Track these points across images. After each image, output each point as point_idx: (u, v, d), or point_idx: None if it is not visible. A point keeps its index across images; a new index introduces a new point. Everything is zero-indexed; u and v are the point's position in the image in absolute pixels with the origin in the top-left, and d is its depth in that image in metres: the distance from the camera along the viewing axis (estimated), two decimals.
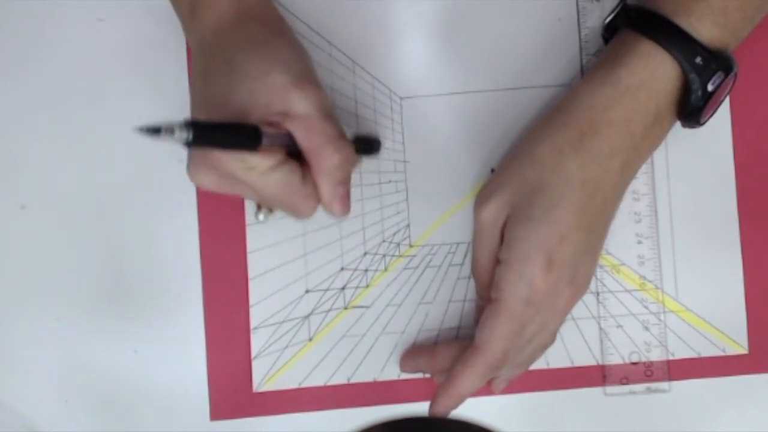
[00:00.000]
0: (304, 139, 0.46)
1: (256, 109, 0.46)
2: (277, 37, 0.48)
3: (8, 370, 0.55)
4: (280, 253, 0.55)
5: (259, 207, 0.53)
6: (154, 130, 0.40)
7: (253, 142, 0.44)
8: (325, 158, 0.46)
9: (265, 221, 0.54)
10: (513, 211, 0.49)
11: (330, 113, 0.47)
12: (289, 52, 0.48)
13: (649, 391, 0.55)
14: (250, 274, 0.55)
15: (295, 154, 0.47)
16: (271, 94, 0.46)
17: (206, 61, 0.48)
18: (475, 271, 0.53)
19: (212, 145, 0.43)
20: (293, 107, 0.46)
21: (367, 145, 0.53)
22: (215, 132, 0.43)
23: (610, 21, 0.52)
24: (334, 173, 0.47)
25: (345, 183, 0.48)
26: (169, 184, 0.55)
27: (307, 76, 0.47)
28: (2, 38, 0.55)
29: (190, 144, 0.41)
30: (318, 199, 0.48)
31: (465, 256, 0.55)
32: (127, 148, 0.55)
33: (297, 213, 0.48)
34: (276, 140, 0.45)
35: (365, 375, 0.55)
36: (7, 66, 0.55)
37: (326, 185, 0.47)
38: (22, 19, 0.55)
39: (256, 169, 0.45)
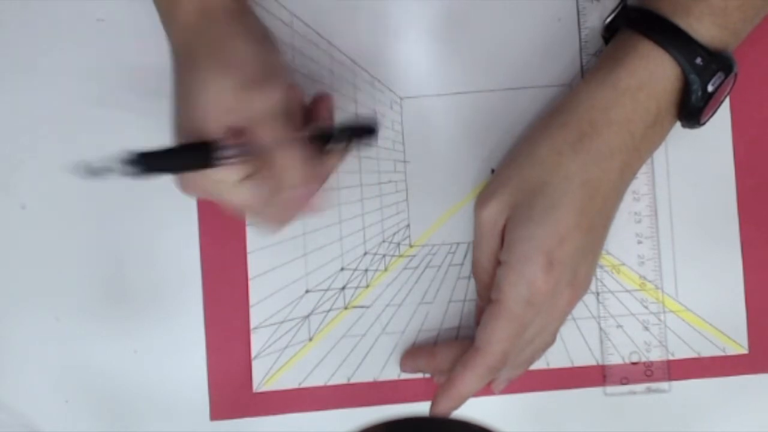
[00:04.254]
0: (258, 144, 0.45)
1: (219, 119, 0.45)
2: (233, 37, 0.47)
3: (8, 370, 0.55)
4: (280, 253, 0.55)
5: None
6: (93, 171, 0.40)
7: (206, 160, 0.43)
8: (279, 162, 0.45)
9: None
10: (513, 212, 0.49)
11: (286, 112, 0.45)
12: (245, 52, 0.46)
13: (649, 391, 0.55)
14: (250, 274, 0.55)
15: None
16: (228, 100, 0.45)
17: (175, 73, 0.48)
18: (475, 272, 0.53)
19: (164, 171, 0.43)
20: (248, 111, 0.44)
21: (358, 133, 0.50)
22: (162, 158, 0.43)
23: (611, 21, 0.52)
24: (289, 176, 0.45)
25: (309, 183, 0.46)
26: (169, 183, 0.55)
27: (262, 75, 0.45)
28: (2, 38, 0.55)
29: (139, 174, 0.41)
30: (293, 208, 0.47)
31: (465, 256, 0.55)
32: (127, 148, 0.55)
33: (274, 223, 0.48)
34: (240, 150, 0.44)
35: (365, 375, 0.55)
36: (7, 66, 0.55)
37: (287, 188, 0.45)
38: (22, 19, 0.55)
39: (223, 182, 0.45)
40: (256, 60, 0.46)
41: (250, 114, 0.44)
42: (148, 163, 0.41)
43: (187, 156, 0.44)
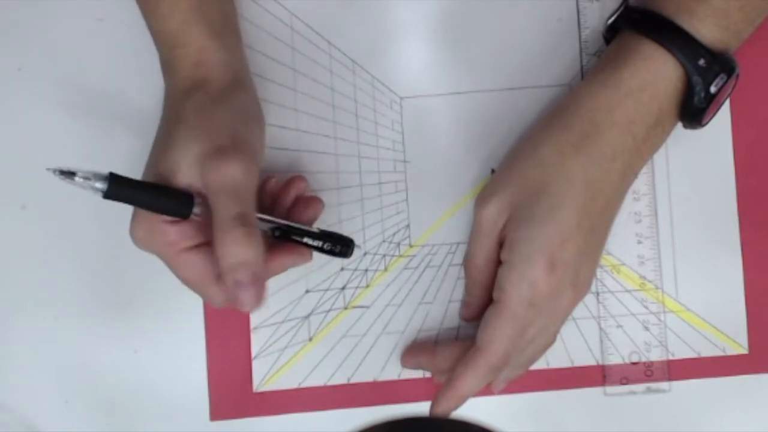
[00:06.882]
0: (207, 217, 0.45)
1: (183, 179, 0.45)
2: (215, 104, 0.47)
3: (8, 370, 0.55)
4: None
5: None
6: (69, 174, 0.42)
7: (176, 207, 0.45)
8: (220, 245, 0.43)
9: None
10: (514, 211, 0.49)
11: (246, 191, 0.45)
12: (222, 119, 0.46)
13: (649, 391, 0.55)
14: None
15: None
16: (191, 165, 0.45)
17: (163, 118, 0.49)
18: (468, 268, 0.53)
19: (131, 201, 0.45)
20: (208, 180, 0.45)
21: (333, 245, 0.50)
22: (134, 189, 0.44)
23: (613, 22, 0.52)
24: (230, 261, 0.43)
25: (248, 270, 0.44)
26: None
27: (232, 146, 0.45)
28: (2, 38, 0.55)
29: (106, 195, 0.43)
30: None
31: None
32: (127, 148, 0.55)
33: (210, 301, 0.48)
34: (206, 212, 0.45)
35: (365, 375, 0.55)
36: (6, 66, 0.55)
37: (225, 274, 0.44)
38: (22, 19, 0.55)
39: (174, 245, 0.46)
40: (234, 128, 0.46)
41: (207, 182, 0.45)
42: (117, 188, 0.44)
43: (160, 196, 0.45)
